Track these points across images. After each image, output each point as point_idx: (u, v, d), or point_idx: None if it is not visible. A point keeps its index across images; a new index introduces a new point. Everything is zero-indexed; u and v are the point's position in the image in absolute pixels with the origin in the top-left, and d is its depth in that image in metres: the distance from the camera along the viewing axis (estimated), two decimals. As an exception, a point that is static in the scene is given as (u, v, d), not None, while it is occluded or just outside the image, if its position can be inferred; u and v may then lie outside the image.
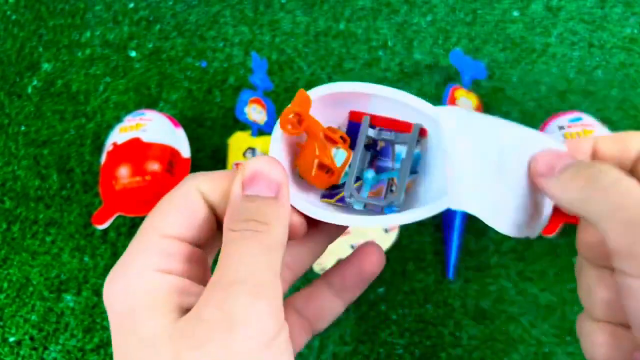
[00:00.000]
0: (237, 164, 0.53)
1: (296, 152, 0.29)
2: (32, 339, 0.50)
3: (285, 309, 0.21)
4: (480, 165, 0.25)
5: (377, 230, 0.47)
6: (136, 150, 0.50)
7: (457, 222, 0.50)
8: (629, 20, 0.63)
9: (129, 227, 0.54)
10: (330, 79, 0.61)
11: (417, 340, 0.47)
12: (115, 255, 0.53)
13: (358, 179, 0.28)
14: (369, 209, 0.27)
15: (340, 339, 0.48)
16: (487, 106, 0.58)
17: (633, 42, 0.61)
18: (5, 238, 0.54)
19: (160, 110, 0.59)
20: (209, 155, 0.57)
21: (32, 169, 0.58)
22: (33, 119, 0.61)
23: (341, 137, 0.28)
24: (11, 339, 0.50)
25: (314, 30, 0.65)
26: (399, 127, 0.28)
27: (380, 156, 0.29)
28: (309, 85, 0.61)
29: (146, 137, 0.51)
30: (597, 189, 0.19)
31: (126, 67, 0.63)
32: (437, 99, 0.59)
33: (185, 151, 0.53)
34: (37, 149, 0.59)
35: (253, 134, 0.54)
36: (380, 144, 0.29)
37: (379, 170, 0.28)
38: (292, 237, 0.23)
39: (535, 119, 0.57)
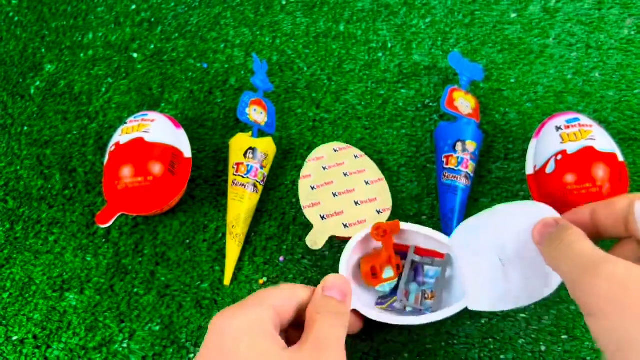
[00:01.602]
0: (237, 164, 0.53)
1: (367, 253, 0.48)
2: (35, 337, 0.50)
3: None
4: (482, 270, 0.40)
5: (370, 211, 0.49)
6: (138, 150, 0.50)
7: (454, 222, 0.50)
8: (626, 22, 0.63)
9: (131, 227, 0.54)
10: (330, 80, 0.62)
11: (415, 339, 0.48)
12: (117, 255, 0.53)
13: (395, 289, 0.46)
14: (411, 312, 0.45)
15: (340, 337, 0.49)
16: (485, 107, 0.59)
17: (630, 43, 0.62)
18: (9, 237, 0.55)
19: (162, 111, 0.60)
20: (210, 156, 0.58)
21: (35, 169, 0.58)
22: (36, 119, 0.61)
23: (397, 265, 0.45)
24: (14, 338, 0.50)
25: (314, 32, 0.65)
26: (432, 254, 0.46)
27: (415, 275, 0.47)
28: (309, 86, 0.62)
29: (148, 138, 0.51)
30: (561, 252, 0.30)
31: (128, 68, 0.64)
32: (435, 100, 0.59)
33: (186, 151, 0.54)
34: (39, 149, 0.59)
35: (254, 135, 0.55)
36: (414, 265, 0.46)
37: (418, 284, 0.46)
38: (351, 330, 0.40)
39: (532, 119, 0.58)
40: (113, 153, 0.51)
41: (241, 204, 0.52)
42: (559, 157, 0.47)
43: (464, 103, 0.55)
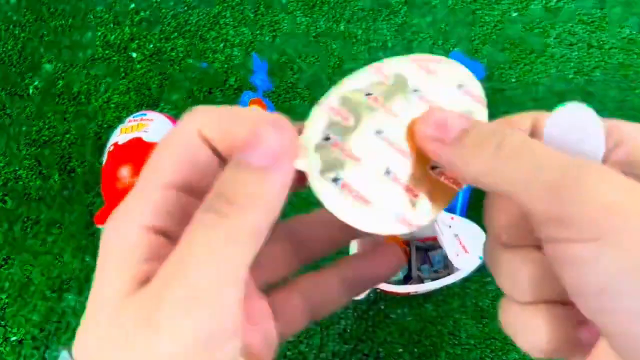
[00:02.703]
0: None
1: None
2: (33, 338, 0.50)
3: (289, 290, 0.20)
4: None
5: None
6: (137, 150, 0.50)
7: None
8: (627, 21, 0.63)
9: (130, 227, 0.54)
10: (330, 80, 0.61)
11: (417, 339, 0.47)
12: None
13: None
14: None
15: (340, 338, 0.48)
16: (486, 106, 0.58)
17: (632, 42, 0.61)
18: (7, 238, 0.55)
19: (161, 111, 0.59)
20: (210, 156, 0.58)
21: (34, 169, 0.58)
22: (34, 119, 0.61)
23: (404, 249, 0.50)
24: (13, 339, 0.50)
25: (314, 31, 0.65)
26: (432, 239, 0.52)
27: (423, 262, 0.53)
28: (309, 86, 0.62)
29: (147, 138, 0.51)
30: (509, 155, 0.16)
31: (127, 68, 0.63)
32: (436, 100, 0.59)
33: (186, 151, 0.53)
34: (38, 149, 0.59)
35: (253, 135, 0.54)
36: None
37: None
38: (392, 269, 0.23)
39: (534, 119, 0.57)
40: (112, 153, 0.51)
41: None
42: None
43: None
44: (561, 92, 0.59)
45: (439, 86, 0.20)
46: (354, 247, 0.45)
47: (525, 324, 0.19)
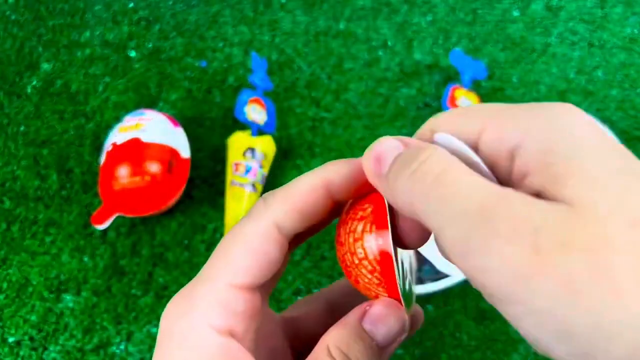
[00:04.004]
0: (236, 164, 0.53)
1: None
2: (31, 339, 0.49)
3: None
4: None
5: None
6: (135, 150, 0.50)
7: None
8: (629, 20, 0.63)
9: (128, 227, 0.54)
10: (330, 79, 0.61)
11: (418, 341, 0.47)
12: (115, 256, 0.52)
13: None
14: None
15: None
16: (487, 106, 0.58)
17: (633, 42, 0.61)
18: (5, 238, 0.54)
19: (160, 110, 0.59)
20: (209, 155, 0.57)
21: (32, 169, 0.58)
22: (32, 118, 0.60)
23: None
24: (11, 340, 0.50)
25: (313, 30, 0.64)
26: None
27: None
28: (309, 85, 0.61)
29: (145, 137, 0.50)
30: (422, 185, 0.16)
31: (126, 67, 0.63)
32: (437, 99, 0.59)
33: (184, 151, 0.53)
34: (36, 148, 0.59)
35: (253, 134, 0.54)
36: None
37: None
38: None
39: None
40: (110, 153, 0.50)
41: (240, 205, 0.51)
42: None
43: (466, 102, 0.54)
44: (562, 92, 0.59)
45: None
46: None
47: None
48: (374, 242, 0.19)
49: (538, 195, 0.15)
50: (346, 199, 0.21)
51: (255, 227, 0.20)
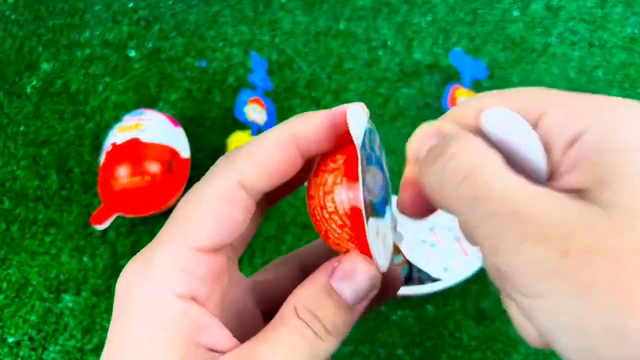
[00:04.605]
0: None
1: None
2: (31, 339, 0.49)
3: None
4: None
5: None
6: (135, 150, 0.50)
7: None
8: (629, 20, 0.63)
9: (128, 227, 0.54)
10: (330, 79, 0.61)
11: (418, 341, 0.47)
12: (115, 256, 0.52)
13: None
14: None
15: (340, 340, 0.48)
16: (487, 106, 0.58)
17: (633, 42, 0.61)
18: (5, 238, 0.54)
19: (160, 110, 0.59)
20: (209, 155, 0.57)
21: (31, 169, 0.58)
22: (32, 118, 0.60)
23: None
24: (10, 340, 0.49)
25: (313, 30, 0.64)
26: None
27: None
28: (309, 85, 0.61)
29: (145, 137, 0.50)
30: (452, 178, 0.16)
31: (125, 67, 0.63)
32: (437, 99, 0.59)
33: (184, 151, 0.53)
34: (36, 148, 0.59)
35: (253, 134, 0.54)
36: None
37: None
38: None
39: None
40: (110, 153, 0.50)
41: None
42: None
43: (466, 102, 0.54)
44: (562, 92, 0.59)
45: None
46: None
47: None
48: (345, 196, 0.18)
49: (578, 192, 0.15)
50: (316, 154, 0.20)
51: (215, 186, 0.18)
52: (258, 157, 0.19)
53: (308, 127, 0.19)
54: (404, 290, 0.46)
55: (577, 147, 0.16)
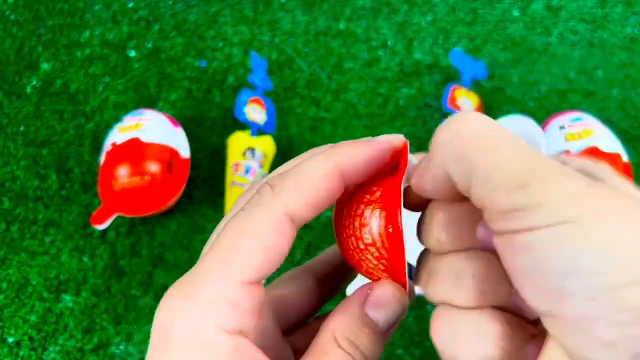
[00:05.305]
0: (236, 164, 0.52)
1: None
2: (31, 339, 0.49)
3: (312, 330, 0.21)
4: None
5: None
6: (135, 150, 0.50)
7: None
8: (629, 20, 0.63)
9: (128, 227, 0.54)
10: (330, 79, 0.61)
11: (418, 341, 0.47)
12: (114, 256, 0.52)
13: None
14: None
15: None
16: (488, 106, 0.58)
17: (633, 42, 0.61)
18: (4, 238, 0.54)
19: (160, 110, 0.59)
20: (209, 155, 0.57)
21: (31, 169, 0.58)
22: (32, 118, 0.60)
23: None
24: (10, 340, 0.49)
25: (313, 30, 0.64)
26: None
27: None
28: (309, 85, 0.61)
29: (145, 137, 0.50)
30: (475, 145, 0.17)
31: (125, 67, 0.63)
32: (437, 99, 0.59)
33: (184, 151, 0.53)
34: (36, 148, 0.59)
35: (253, 134, 0.54)
36: None
37: None
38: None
39: (535, 118, 0.57)
40: (110, 153, 0.50)
41: (240, 205, 0.51)
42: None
43: (467, 102, 0.54)
44: (563, 92, 0.59)
45: None
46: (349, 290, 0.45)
47: (468, 331, 0.18)
48: (384, 230, 0.18)
49: None
50: (357, 184, 0.19)
51: (266, 217, 0.18)
52: (305, 188, 0.18)
53: (355, 158, 0.19)
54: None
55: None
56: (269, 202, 0.18)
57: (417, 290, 0.43)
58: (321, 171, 0.18)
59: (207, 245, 0.20)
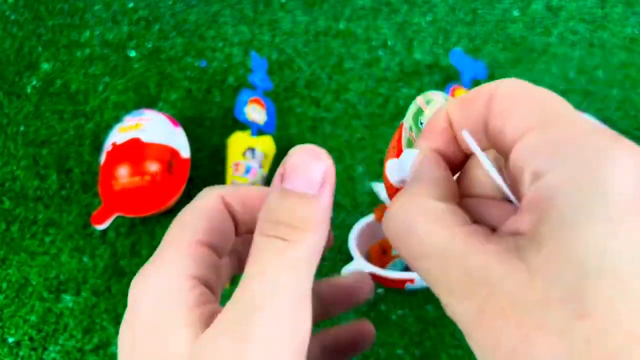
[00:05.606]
0: (236, 164, 0.52)
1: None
2: (31, 339, 0.49)
3: None
4: None
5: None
6: (135, 150, 0.50)
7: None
8: (629, 20, 0.63)
9: (128, 227, 0.54)
10: (330, 79, 0.61)
11: (418, 341, 0.47)
12: (115, 256, 0.52)
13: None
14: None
15: (340, 340, 0.48)
16: (488, 106, 0.58)
17: (633, 42, 0.61)
18: (5, 238, 0.54)
19: (160, 110, 0.59)
20: (209, 155, 0.57)
21: (31, 169, 0.58)
22: (32, 118, 0.60)
23: None
24: (10, 340, 0.49)
25: (313, 30, 0.64)
26: None
27: None
28: (309, 85, 0.61)
29: (145, 137, 0.50)
30: (394, 231, 0.18)
31: (125, 67, 0.63)
32: (437, 99, 0.59)
33: (184, 151, 0.53)
34: (36, 148, 0.59)
35: (253, 134, 0.54)
36: None
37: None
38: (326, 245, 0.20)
39: (535, 118, 0.57)
40: (110, 153, 0.50)
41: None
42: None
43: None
44: (563, 92, 0.59)
45: None
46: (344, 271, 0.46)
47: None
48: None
49: (524, 235, 0.14)
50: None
51: (202, 197, 0.21)
52: (240, 186, 0.23)
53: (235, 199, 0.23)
54: (402, 275, 0.46)
55: (536, 186, 0.15)
56: (208, 190, 0.22)
57: (410, 275, 0.42)
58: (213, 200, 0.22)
59: None
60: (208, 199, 0.21)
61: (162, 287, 0.19)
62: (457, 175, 0.19)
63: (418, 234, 0.16)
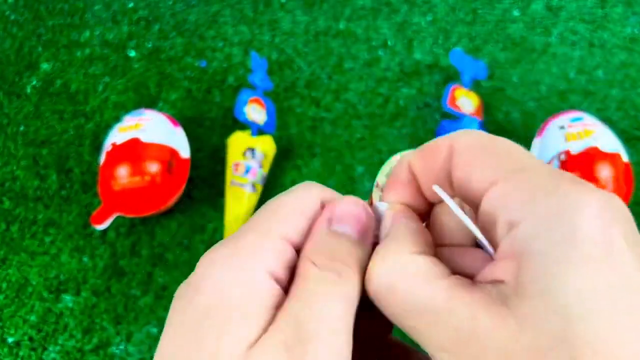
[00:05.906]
0: (236, 164, 0.52)
1: None
2: (31, 339, 0.49)
3: None
4: None
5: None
6: (135, 150, 0.50)
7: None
8: (629, 20, 0.63)
9: (128, 227, 0.54)
10: (330, 79, 0.61)
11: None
12: (114, 256, 0.52)
13: None
14: None
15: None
16: (488, 106, 0.58)
17: (633, 41, 0.61)
18: (4, 238, 0.54)
19: (160, 110, 0.59)
20: (209, 155, 0.57)
21: (31, 169, 0.58)
22: (32, 118, 0.60)
23: None
24: (10, 340, 0.49)
25: (313, 30, 0.64)
26: None
27: None
28: (309, 85, 0.61)
29: (145, 137, 0.50)
30: (378, 287, 0.18)
31: (125, 67, 0.63)
32: (437, 99, 0.59)
33: (184, 151, 0.53)
34: (36, 148, 0.59)
35: (253, 134, 0.54)
36: None
37: None
38: None
39: (535, 118, 0.57)
40: (110, 153, 0.50)
41: (240, 205, 0.51)
42: (562, 157, 0.47)
43: (466, 102, 0.54)
44: (563, 92, 0.59)
45: None
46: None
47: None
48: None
49: (504, 283, 0.15)
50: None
51: (301, 194, 0.20)
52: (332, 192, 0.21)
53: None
54: None
55: (511, 236, 0.15)
56: (307, 188, 0.20)
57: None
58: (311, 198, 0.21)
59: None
60: (309, 198, 0.20)
61: (241, 278, 0.18)
62: (424, 224, 0.20)
63: (400, 293, 0.16)
